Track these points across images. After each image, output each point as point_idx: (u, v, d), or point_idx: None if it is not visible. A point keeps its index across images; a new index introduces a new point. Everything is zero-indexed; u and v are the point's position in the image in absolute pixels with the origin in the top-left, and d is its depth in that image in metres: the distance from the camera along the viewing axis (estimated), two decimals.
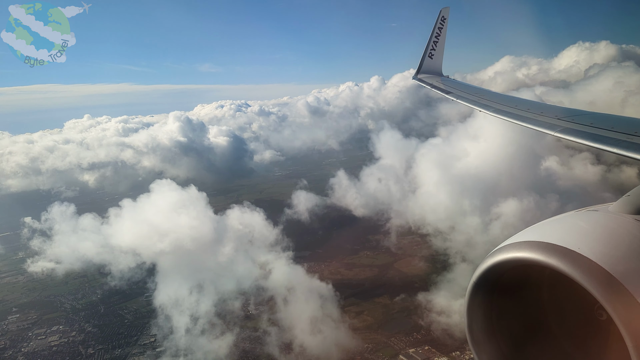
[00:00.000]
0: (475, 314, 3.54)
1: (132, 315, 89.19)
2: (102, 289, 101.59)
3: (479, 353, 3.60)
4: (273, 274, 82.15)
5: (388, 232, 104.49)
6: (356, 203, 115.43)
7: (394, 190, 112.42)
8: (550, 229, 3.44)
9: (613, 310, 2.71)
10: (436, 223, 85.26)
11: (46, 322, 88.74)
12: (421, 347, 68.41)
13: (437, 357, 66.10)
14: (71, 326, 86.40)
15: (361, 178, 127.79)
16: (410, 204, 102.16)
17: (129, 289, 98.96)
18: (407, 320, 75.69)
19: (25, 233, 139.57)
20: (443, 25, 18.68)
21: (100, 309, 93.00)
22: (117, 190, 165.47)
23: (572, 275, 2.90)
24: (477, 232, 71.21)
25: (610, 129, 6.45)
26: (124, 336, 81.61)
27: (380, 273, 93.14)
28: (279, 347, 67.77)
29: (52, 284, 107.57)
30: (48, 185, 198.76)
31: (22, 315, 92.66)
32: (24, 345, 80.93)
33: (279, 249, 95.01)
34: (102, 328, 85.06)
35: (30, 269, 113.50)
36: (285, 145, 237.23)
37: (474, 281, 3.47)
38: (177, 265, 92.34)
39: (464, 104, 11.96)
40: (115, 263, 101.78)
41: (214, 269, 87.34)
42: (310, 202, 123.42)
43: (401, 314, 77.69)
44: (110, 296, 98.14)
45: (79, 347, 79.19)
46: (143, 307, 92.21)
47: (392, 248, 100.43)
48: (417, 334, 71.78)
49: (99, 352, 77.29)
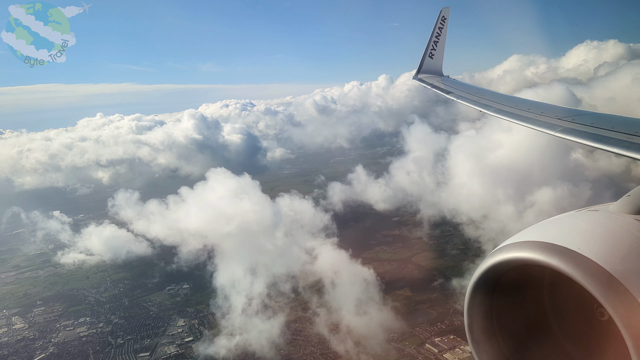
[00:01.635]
0: (475, 313, 3.56)
1: (157, 308, 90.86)
2: (123, 283, 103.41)
3: (479, 353, 3.61)
4: (319, 259, 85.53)
5: (419, 224, 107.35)
6: (378, 197, 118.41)
7: (427, 182, 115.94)
8: (551, 228, 3.48)
9: (613, 310, 2.71)
10: (469, 212, 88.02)
11: (72, 314, 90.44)
12: (446, 337, 70.26)
13: (462, 346, 67.91)
14: (97, 318, 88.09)
15: (380, 174, 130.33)
16: (442, 195, 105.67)
17: (178, 274, 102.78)
18: (431, 310, 77.56)
19: (54, 226, 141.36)
20: (443, 25, 18.73)
21: (124, 301, 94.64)
22: (133, 186, 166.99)
23: (572, 275, 2.90)
24: (511, 220, 73.48)
25: (611, 129, 6.42)
26: (151, 327, 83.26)
27: (404, 265, 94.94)
28: (327, 327, 71.17)
29: (73, 278, 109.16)
30: (62, 182, 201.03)
31: (48, 307, 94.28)
32: (53, 336, 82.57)
33: (323, 235, 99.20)
34: (129, 320, 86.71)
35: (62, 261, 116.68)
36: (295, 144, 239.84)
37: (474, 281, 3.48)
38: (234, 248, 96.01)
39: (464, 104, 11.95)
40: (183, 244, 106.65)
41: (267, 252, 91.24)
42: (336, 196, 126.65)
43: (424, 305, 79.51)
44: (132, 289, 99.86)
45: (108, 338, 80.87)
46: (167, 299, 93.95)
47: (423, 238, 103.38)
48: (441, 323, 73.58)
49: (128, 342, 78.93)
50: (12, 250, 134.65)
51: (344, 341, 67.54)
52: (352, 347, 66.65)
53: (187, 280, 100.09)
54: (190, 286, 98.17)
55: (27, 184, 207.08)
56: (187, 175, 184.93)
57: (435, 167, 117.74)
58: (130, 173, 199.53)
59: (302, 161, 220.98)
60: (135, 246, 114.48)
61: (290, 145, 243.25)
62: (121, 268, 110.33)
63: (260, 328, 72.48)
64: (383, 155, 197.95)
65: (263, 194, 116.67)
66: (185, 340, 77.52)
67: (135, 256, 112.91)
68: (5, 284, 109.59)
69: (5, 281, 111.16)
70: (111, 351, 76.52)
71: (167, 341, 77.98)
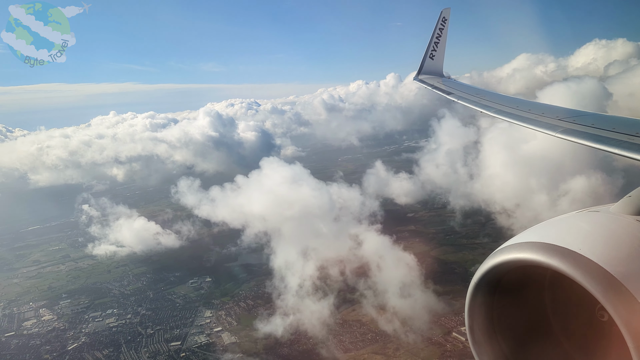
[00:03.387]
0: (476, 314, 3.57)
1: (182, 300, 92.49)
2: (146, 277, 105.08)
3: (480, 354, 3.63)
4: (365, 244, 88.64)
5: (451, 214, 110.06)
6: (400, 191, 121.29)
7: (458, 174, 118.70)
8: (552, 229, 3.48)
9: (614, 311, 2.71)
10: (503, 202, 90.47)
11: (99, 306, 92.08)
12: None
13: None
14: (124, 309, 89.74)
15: (396, 170, 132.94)
16: (473, 187, 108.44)
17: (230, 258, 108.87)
18: (454, 301, 79.24)
19: (84, 220, 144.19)
20: (444, 26, 18.65)
21: (149, 294, 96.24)
22: (148, 183, 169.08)
23: (573, 276, 2.91)
24: (544, 209, 75.43)
25: (612, 130, 6.38)
26: (179, 318, 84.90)
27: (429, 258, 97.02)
28: (375, 308, 74.70)
29: (95, 272, 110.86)
30: (77, 179, 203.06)
31: (74, 300, 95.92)
32: (83, 326, 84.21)
33: (367, 222, 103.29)
34: (156, 311, 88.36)
35: (94, 252, 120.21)
36: (304, 142, 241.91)
37: (475, 282, 3.50)
38: (289, 232, 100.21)
39: (465, 104, 11.92)
40: (249, 227, 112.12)
41: (316, 237, 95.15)
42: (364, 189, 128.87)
43: (447, 297, 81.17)
44: (155, 283, 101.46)
45: (137, 328, 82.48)
46: (191, 292, 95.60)
47: (456, 228, 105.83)
48: None
49: (158, 332, 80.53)
50: (30, 246, 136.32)
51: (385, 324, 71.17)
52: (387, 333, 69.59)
53: (210, 274, 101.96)
54: (212, 280, 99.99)
55: (42, 181, 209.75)
56: (203, 171, 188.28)
57: (464, 160, 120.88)
58: (145, 170, 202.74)
59: (314, 159, 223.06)
60: (164, 239, 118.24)
61: (298, 143, 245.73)
62: (147, 261, 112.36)
63: (312, 308, 75.28)
64: (393, 152, 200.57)
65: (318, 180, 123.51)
66: (214, 330, 79.23)
67: (156, 250, 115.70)
68: (28, 278, 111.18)
69: (27, 275, 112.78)
70: (142, 340, 78.13)
71: (197, 331, 79.64)
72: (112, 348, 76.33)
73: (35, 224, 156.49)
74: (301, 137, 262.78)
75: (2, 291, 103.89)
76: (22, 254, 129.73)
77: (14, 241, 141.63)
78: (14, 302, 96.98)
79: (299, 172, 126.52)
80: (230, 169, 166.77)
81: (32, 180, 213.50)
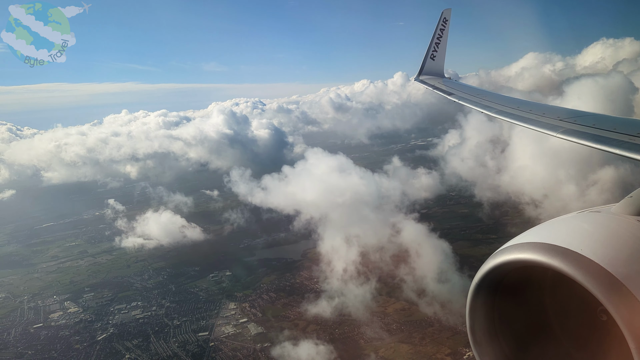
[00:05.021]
0: (477, 315, 3.58)
1: (205, 293, 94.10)
2: (165, 271, 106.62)
3: (481, 355, 3.63)
4: (403, 231, 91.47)
5: (479, 205, 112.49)
6: (424, 185, 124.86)
7: (486, 167, 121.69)
8: (553, 230, 3.49)
9: (615, 311, 2.72)
10: (531, 193, 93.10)
11: (123, 299, 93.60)
12: None
13: None
14: (149, 302, 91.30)
15: (413, 166, 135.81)
16: (500, 179, 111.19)
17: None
18: None
19: (109, 214, 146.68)
20: (445, 26, 18.63)
21: (171, 287, 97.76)
22: (162, 180, 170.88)
23: (574, 277, 2.92)
24: (572, 199, 77.48)
25: (613, 130, 6.37)
26: (204, 310, 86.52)
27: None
28: (414, 292, 77.16)
29: (114, 267, 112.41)
30: (90, 177, 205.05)
31: (97, 293, 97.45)
32: (110, 318, 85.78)
33: (405, 211, 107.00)
34: (180, 304, 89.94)
35: (123, 244, 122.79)
36: (313, 140, 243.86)
37: (476, 282, 3.50)
38: (335, 219, 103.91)
39: (466, 105, 11.89)
40: (302, 213, 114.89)
41: (360, 223, 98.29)
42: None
43: None
44: (176, 277, 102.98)
45: (164, 319, 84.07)
46: (212, 286, 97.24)
47: (483, 218, 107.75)
48: None
49: (184, 323, 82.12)
50: (45, 242, 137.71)
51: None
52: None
53: (229, 268, 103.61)
54: (232, 273, 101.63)
55: (55, 179, 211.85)
56: (217, 169, 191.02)
57: (492, 153, 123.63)
58: (159, 167, 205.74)
59: None
60: (189, 232, 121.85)
61: (307, 141, 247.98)
62: (165, 256, 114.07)
63: (355, 292, 77.79)
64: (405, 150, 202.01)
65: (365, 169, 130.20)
66: (240, 321, 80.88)
67: (182, 242, 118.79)
68: (48, 273, 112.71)
69: (48, 270, 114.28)
70: (170, 331, 79.70)
71: (223, 322, 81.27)
72: (141, 338, 77.88)
73: (49, 221, 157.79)
74: (309, 135, 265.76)
75: (25, 285, 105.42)
76: (39, 250, 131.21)
77: (29, 238, 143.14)
78: (38, 296, 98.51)
79: (344, 162, 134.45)
80: (244, 166, 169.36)
81: (45, 177, 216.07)
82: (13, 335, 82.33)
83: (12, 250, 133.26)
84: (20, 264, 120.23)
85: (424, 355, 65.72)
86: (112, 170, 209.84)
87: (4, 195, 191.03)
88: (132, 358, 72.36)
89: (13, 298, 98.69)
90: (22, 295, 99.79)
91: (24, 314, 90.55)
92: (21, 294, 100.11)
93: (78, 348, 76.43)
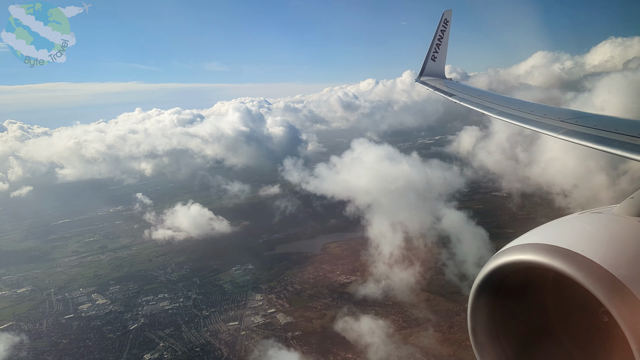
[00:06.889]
0: (478, 316, 3.61)
1: (230, 285, 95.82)
2: (188, 265, 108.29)
3: (483, 355, 3.65)
4: (444, 218, 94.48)
5: (508, 196, 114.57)
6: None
7: (520, 158, 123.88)
8: (554, 231, 3.51)
9: (617, 313, 2.72)
10: (561, 183, 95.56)
11: (149, 291, 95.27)
12: None
13: None
14: (175, 294, 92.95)
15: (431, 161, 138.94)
16: (530, 171, 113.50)
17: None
18: None
19: (138, 208, 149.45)
20: (446, 27, 18.57)
21: (195, 280, 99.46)
22: (177, 177, 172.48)
23: (576, 278, 2.92)
24: (603, 189, 79.55)
25: (614, 131, 6.37)
26: (231, 301, 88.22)
27: None
28: (456, 276, 79.22)
29: (136, 261, 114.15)
30: (105, 174, 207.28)
31: (122, 286, 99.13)
32: (139, 309, 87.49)
33: (445, 199, 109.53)
34: (207, 295, 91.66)
35: (154, 237, 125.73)
36: (322, 138, 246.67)
37: (477, 283, 3.52)
38: (383, 206, 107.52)
39: (467, 106, 11.86)
40: (353, 198, 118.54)
41: (403, 210, 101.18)
42: None
43: None
44: (199, 270, 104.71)
45: (192, 310, 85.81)
46: (236, 278, 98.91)
47: (513, 209, 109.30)
48: None
49: (213, 313, 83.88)
50: (63, 238, 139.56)
51: None
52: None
53: (251, 261, 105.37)
54: (254, 267, 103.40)
55: (69, 176, 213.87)
56: (232, 165, 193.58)
57: (523, 146, 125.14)
58: (174, 164, 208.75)
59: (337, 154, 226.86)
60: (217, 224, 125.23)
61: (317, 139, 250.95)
62: (185, 250, 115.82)
63: (400, 276, 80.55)
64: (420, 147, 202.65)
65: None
66: (268, 312, 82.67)
67: (211, 235, 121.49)
68: (71, 267, 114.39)
69: (70, 265, 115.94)
70: (200, 321, 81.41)
71: (251, 312, 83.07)
72: (173, 328, 79.60)
73: (65, 218, 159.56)
74: (318, 134, 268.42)
75: (49, 279, 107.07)
76: (58, 245, 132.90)
77: (46, 234, 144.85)
78: (64, 289, 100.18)
79: (390, 152, 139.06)
80: (259, 163, 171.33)
81: (60, 175, 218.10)
82: (45, 326, 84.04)
83: (32, 245, 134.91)
84: (41, 259, 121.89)
85: (453, 342, 67.57)
86: (127, 168, 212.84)
87: (21, 192, 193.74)
88: (166, 346, 74.06)
89: (39, 291, 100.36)
90: (48, 288, 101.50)
91: (53, 306, 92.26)
92: (47, 287, 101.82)
93: (111, 337, 78.15)
